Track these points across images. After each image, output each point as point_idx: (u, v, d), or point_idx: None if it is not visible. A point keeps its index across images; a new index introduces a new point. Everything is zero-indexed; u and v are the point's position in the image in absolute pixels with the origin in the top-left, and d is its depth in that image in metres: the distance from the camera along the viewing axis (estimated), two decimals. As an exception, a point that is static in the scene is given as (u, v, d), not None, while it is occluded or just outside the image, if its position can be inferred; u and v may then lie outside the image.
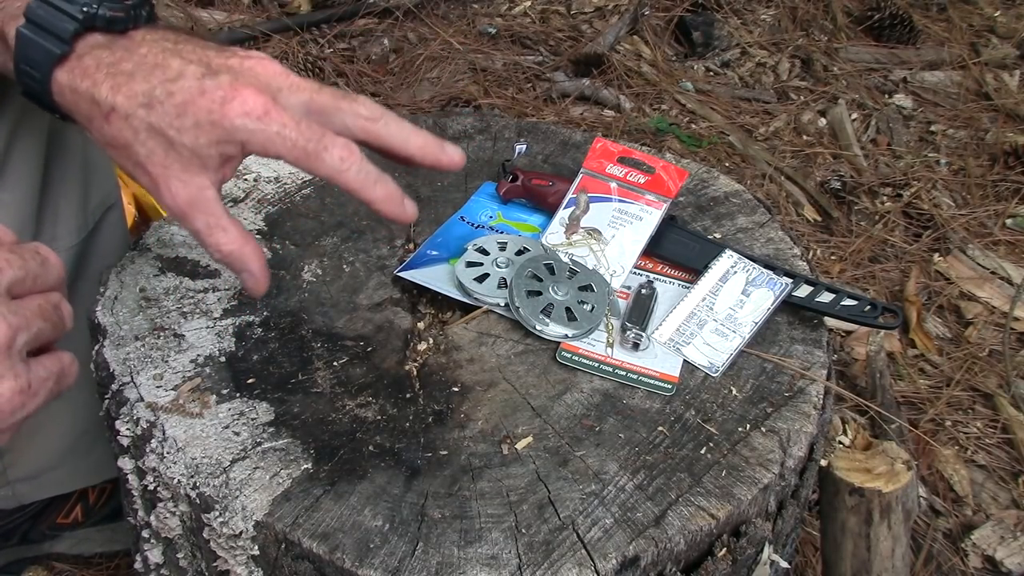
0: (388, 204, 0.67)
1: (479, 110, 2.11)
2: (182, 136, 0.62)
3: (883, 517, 0.92)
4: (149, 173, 0.64)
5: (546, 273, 0.82)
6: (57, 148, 0.96)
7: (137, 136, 0.63)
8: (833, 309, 0.82)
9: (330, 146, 0.64)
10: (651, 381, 0.76)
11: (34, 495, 1.13)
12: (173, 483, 0.67)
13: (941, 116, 2.34)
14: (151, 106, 0.63)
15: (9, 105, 0.88)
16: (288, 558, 0.63)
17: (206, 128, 0.62)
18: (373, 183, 0.66)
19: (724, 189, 0.99)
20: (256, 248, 0.67)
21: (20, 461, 1.08)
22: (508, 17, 2.58)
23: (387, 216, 0.68)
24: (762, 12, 2.69)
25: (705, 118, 2.25)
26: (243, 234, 0.66)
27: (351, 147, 0.65)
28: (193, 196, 0.64)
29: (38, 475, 1.11)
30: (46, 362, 0.58)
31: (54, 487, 1.14)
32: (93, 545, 1.25)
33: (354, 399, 0.73)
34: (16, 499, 1.12)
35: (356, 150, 0.65)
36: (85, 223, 1.01)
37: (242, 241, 0.66)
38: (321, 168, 0.64)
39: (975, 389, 1.60)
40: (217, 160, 0.64)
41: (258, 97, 0.63)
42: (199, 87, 0.63)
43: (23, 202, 0.93)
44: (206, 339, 0.77)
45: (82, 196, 1.01)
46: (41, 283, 0.58)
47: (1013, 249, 1.91)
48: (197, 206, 0.64)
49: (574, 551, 0.62)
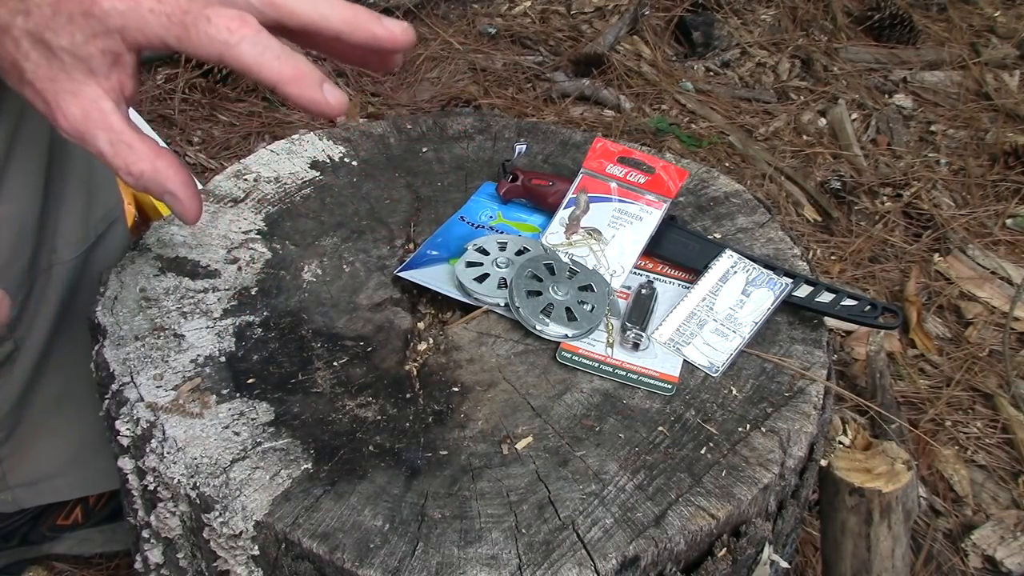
0: (299, 85, 0.57)
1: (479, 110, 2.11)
2: (59, 37, 0.57)
3: (883, 517, 0.92)
4: (39, 92, 0.59)
5: (546, 273, 0.82)
6: (59, 161, 0.95)
7: (19, 48, 0.58)
8: (833, 309, 0.82)
9: (214, 16, 0.56)
10: (651, 381, 0.76)
11: (34, 500, 1.13)
12: (173, 483, 0.67)
13: (941, 116, 2.34)
14: (28, 12, 0.58)
15: (4, 117, 0.87)
16: (288, 558, 0.63)
17: (79, 22, 0.57)
18: (275, 58, 0.56)
19: (724, 189, 0.99)
20: (174, 163, 0.60)
21: (20, 467, 1.08)
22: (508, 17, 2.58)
23: (301, 103, 0.57)
24: (762, 12, 2.69)
25: (705, 118, 2.25)
26: (155, 149, 0.60)
27: (245, 17, 0.56)
28: (86, 109, 0.59)
29: (38, 482, 1.11)
30: None
31: (54, 494, 1.14)
32: (93, 546, 1.25)
33: (354, 399, 0.73)
34: (16, 504, 1.12)
35: (252, 20, 0.56)
36: (87, 236, 1.00)
37: (153, 156, 0.59)
38: (206, 44, 0.56)
39: (975, 389, 1.60)
40: (102, 61, 0.58)
41: None
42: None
43: (23, 215, 0.91)
44: (206, 339, 0.77)
45: (84, 210, 1.00)
46: None
47: (1013, 249, 1.91)
48: (93, 121, 0.59)
49: (574, 551, 0.62)
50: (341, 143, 1.01)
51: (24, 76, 0.59)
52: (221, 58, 0.56)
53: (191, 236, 0.87)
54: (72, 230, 0.98)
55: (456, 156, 1.01)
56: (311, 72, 0.57)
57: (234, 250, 0.86)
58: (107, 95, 0.59)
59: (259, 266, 0.84)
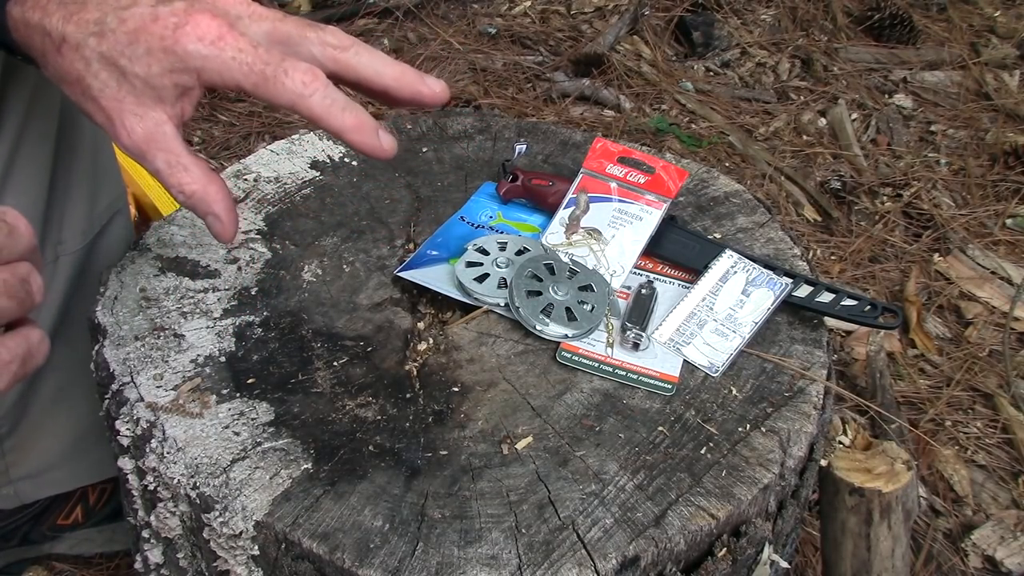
0: (360, 134, 0.63)
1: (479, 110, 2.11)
2: (134, 65, 0.60)
3: (883, 517, 0.92)
4: (103, 108, 0.62)
5: (546, 273, 0.82)
6: (65, 153, 0.96)
7: (89, 67, 0.61)
8: (833, 309, 0.82)
9: (291, 70, 0.61)
10: (651, 381, 0.76)
11: (36, 494, 1.13)
12: (173, 483, 0.67)
13: (941, 116, 2.34)
14: (102, 35, 0.60)
15: (13, 111, 0.88)
16: (288, 558, 0.63)
17: (158, 55, 0.60)
18: (340, 110, 0.62)
19: (724, 189, 0.99)
20: (222, 189, 0.64)
21: (22, 460, 1.09)
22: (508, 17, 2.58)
23: (361, 148, 0.64)
24: (762, 12, 2.69)
25: (705, 118, 2.25)
26: (207, 173, 0.63)
27: (315, 72, 0.61)
28: (150, 131, 0.62)
29: (40, 474, 1.11)
30: (9, 343, 0.54)
31: (56, 486, 1.14)
32: (93, 546, 1.25)
33: (354, 399, 0.73)
34: (18, 498, 1.12)
35: (322, 75, 0.62)
36: (91, 227, 1.01)
37: (206, 180, 0.63)
38: (282, 94, 0.61)
39: (975, 389, 1.60)
40: (172, 92, 0.62)
41: (212, 21, 0.60)
42: (152, 14, 0.60)
43: (30, 207, 0.92)
44: (206, 339, 0.77)
45: (90, 201, 1.01)
46: (7, 254, 0.54)
47: (1013, 249, 1.91)
48: (155, 142, 0.62)
49: (574, 551, 0.62)
50: (341, 143, 1.01)
51: (89, 92, 0.62)
52: (293, 106, 0.62)
53: (191, 236, 0.87)
54: (78, 221, 0.99)
55: (456, 156, 1.01)
56: (369, 121, 0.63)
57: (234, 250, 0.86)
58: (170, 120, 0.62)
59: (259, 266, 0.84)
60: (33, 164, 0.91)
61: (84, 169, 0.99)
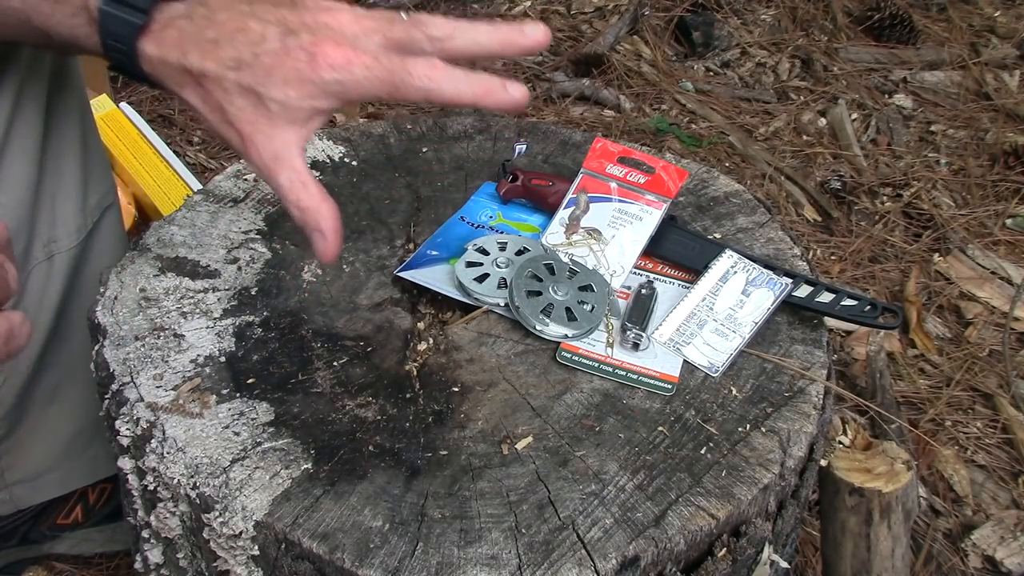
0: (491, 96, 0.68)
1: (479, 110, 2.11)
2: (272, 91, 0.66)
3: (883, 517, 0.92)
4: (238, 130, 0.68)
5: (546, 273, 0.82)
6: (54, 149, 0.96)
7: (228, 96, 0.67)
8: (833, 309, 0.82)
9: (413, 70, 0.66)
10: (651, 381, 0.76)
11: (32, 499, 1.12)
12: (173, 483, 0.67)
13: (941, 116, 2.34)
14: (240, 68, 0.66)
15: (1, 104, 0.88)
16: (288, 558, 0.63)
17: (295, 84, 0.66)
18: (467, 85, 0.67)
19: (724, 189, 0.99)
20: (333, 210, 0.69)
21: (17, 464, 1.08)
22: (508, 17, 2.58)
23: (497, 108, 0.69)
24: (762, 12, 2.69)
25: (705, 118, 2.25)
26: (323, 194, 0.68)
27: (433, 62, 0.67)
28: (278, 151, 0.67)
29: (35, 477, 1.10)
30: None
31: (51, 489, 1.13)
32: (93, 545, 1.25)
33: (354, 399, 0.73)
34: (13, 503, 1.11)
35: (439, 64, 0.67)
36: (84, 224, 1.01)
37: (320, 198, 0.68)
38: (413, 93, 0.66)
39: (975, 389, 1.60)
40: (305, 115, 0.67)
41: (338, 49, 0.65)
42: (283, 47, 0.66)
43: (19, 204, 0.92)
44: (206, 339, 0.77)
45: (81, 197, 1.01)
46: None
47: (1013, 249, 1.91)
48: (282, 161, 0.67)
49: (574, 551, 0.62)
50: (341, 143, 1.01)
51: (226, 117, 0.68)
52: (427, 99, 0.67)
53: (191, 236, 0.87)
54: (71, 218, 0.99)
55: (456, 156, 1.01)
56: (492, 80, 0.68)
57: (234, 250, 0.86)
58: (298, 141, 0.68)
59: (259, 266, 0.84)
60: (22, 161, 0.91)
61: (74, 165, 0.99)
